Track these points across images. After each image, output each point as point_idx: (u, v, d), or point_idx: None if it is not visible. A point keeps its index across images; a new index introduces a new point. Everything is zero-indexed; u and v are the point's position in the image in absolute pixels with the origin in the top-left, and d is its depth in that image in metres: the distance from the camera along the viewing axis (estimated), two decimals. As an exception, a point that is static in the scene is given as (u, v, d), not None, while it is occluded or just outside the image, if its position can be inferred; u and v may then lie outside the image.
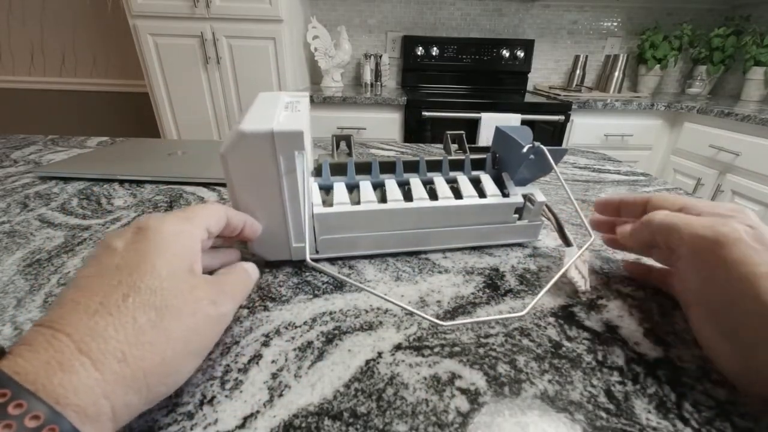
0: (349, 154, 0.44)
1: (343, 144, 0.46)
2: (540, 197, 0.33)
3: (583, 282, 0.27)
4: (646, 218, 0.25)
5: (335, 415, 0.19)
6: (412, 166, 0.35)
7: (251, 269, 0.25)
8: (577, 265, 0.27)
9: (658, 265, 0.29)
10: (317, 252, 0.32)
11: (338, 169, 0.34)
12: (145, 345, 0.16)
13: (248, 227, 0.27)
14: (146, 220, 0.20)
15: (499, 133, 0.35)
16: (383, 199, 0.32)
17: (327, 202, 0.32)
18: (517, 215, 0.34)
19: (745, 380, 0.19)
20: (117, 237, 0.19)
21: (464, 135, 0.44)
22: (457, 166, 0.36)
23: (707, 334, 0.21)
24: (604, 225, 0.32)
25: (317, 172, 0.34)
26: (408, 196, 0.33)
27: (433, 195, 0.33)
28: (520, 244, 0.36)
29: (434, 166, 0.36)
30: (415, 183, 0.33)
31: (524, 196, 0.34)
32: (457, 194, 0.33)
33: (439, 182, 0.34)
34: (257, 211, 0.28)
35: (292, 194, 0.28)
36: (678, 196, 0.26)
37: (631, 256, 0.34)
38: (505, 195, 0.34)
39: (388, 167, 0.35)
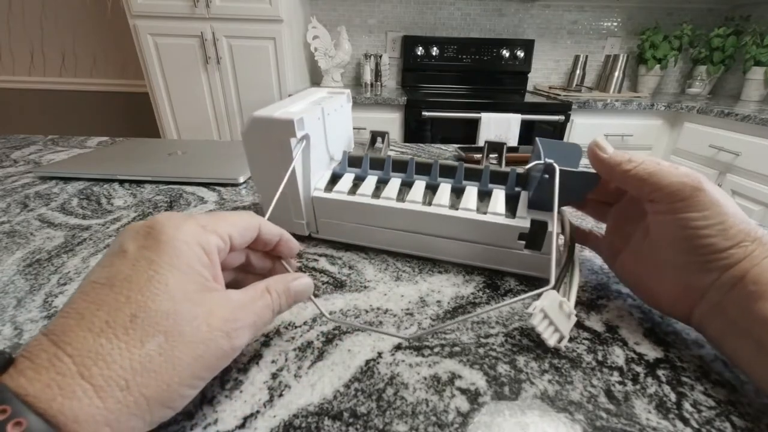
0: (373, 150, 0.43)
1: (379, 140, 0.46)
2: (554, 226, 0.28)
3: (554, 337, 0.23)
4: (622, 167, 0.25)
5: (335, 415, 0.19)
6: (425, 168, 0.34)
7: (296, 290, 0.22)
8: (547, 312, 0.23)
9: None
10: (317, 232, 0.35)
11: (356, 162, 0.36)
12: (150, 373, 0.15)
13: (284, 242, 0.24)
14: (160, 219, 0.18)
15: (536, 145, 0.31)
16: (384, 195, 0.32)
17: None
18: (523, 242, 0.29)
19: (677, 300, 0.23)
20: (131, 236, 0.17)
21: (506, 146, 0.39)
22: (477, 176, 0.33)
23: (649, 271, 0.25)
24: None
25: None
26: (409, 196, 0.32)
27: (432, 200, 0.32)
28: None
29: (449, 171, 0.34)
30: (419, 185, 0.33)
31: (534, 222, 0.28)
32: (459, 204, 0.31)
33: (443, 188, 0.32)
34: (267, 184, 0.33)
35: (291, 175, 0.30)
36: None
37: None
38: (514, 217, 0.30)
39: (402, 166, 0.35)
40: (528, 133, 1.61)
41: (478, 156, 0.61)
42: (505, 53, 1.94)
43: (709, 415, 0.19)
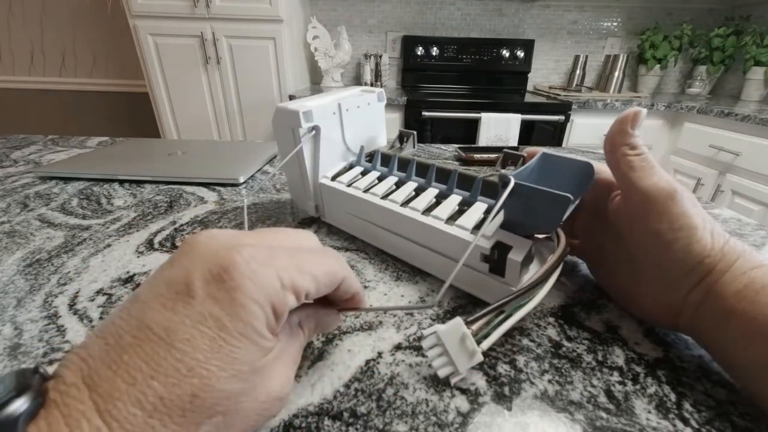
0: (400, 149, 0.43)
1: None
2: (518, 254, 0.23)
3: (445, 369, 0.20)
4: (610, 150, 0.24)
5: (335, 415, 0.19)
6: (425, 170, 0.34)
7: (323, 325, 0.20)
8: (443, 339, 0.20)
9: None
10: (324, 216, 0.38)
11: (371, 158, 0.38)
12: None
13: (356, 302, 0.21)
14: (239, 264, 0.14)
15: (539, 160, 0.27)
16: (382, 192, 0.33)
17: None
18: (488, 265, 0.25)
19: (658, 313, 0.23)
20: (202, 276, 0.14)
21: (524, 159, 0.33)
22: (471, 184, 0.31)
23: (629, 286, 0.25)
24: None
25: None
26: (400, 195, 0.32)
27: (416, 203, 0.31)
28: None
29: (446, 176, 0.33)
30: (409, 186, 0.33)
31: (497, 245, 0.24)
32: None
33: (429, 192, 0.31)
34: (287, 165, 0.36)
35: (302, 160, 0.34)
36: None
37: None
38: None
39: (405, 165, 0.35)
40: (528, 133, 1.61)
41: (478, 156, 0.61)
42: (505, 53, 1.94)
43: (709, 415, 0.19)
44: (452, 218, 0.28)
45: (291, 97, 1.64)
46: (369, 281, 0.30)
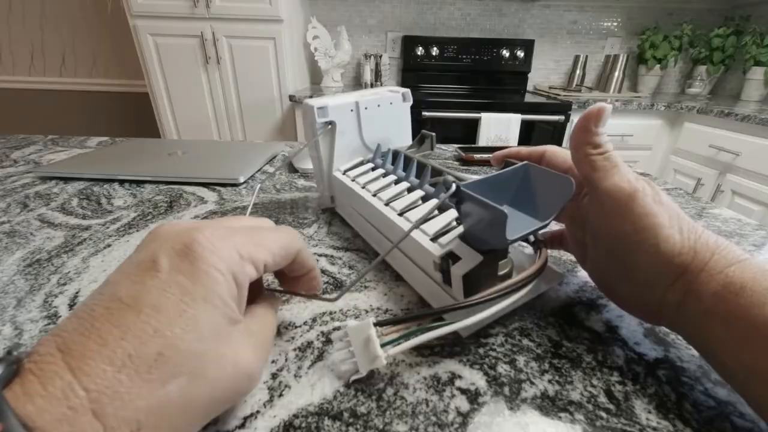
0: (418, 149, 0.43)
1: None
2: (461, 268, 0.22)
3: (347, 364, 0.20)
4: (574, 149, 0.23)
5: (335, 415, 0.19)
6: (421, 169, 0.33)
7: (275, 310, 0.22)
8: (350, 336, 0.20)
9: None
10: (336, 206, 0.41)
11: (384, 155, 0.39)
12: (165, 415, 0.14)
13: (310, 277, 0.23)
14: (200, 240, 0.16)
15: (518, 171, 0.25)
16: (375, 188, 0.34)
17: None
18: (440, 274, 0.24)
19: (641, 311, 0.23)
20: (165, 251, 0.16)
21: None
22: None
23: (612, 282, 0.24)
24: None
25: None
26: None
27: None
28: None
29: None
30: (402, 185, 0.33)
31: (447, 255, 0.23)
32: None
33: (414, 193, 0.31)
34: (312, 157, 0.39)
35: (317, 152, 0.37)
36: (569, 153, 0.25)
37: None
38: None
39: (409, 163, 0.35)
40: (528, 133, 1.61)
41: (478, 156, 0.61)
42: (505, 53, 1.94)
43: (709, 415, 0.19)
44: (427, 221, 0.27)
45: (291, 98, 1.64)
46: (369, 281, 0.30)
